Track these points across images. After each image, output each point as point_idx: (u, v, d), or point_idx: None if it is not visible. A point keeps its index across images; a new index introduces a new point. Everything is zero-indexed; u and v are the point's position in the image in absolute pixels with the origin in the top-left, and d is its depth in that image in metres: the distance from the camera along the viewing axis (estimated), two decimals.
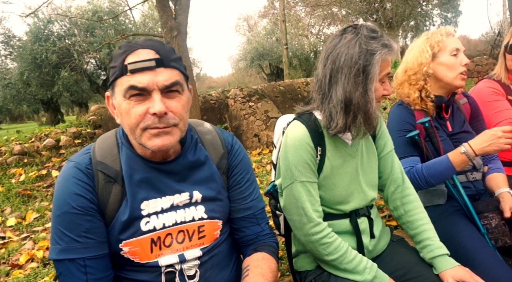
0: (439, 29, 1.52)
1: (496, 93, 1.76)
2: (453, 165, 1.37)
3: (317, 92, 1.15)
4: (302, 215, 1.12)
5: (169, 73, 0.87)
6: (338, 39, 1.10)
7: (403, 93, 1.61)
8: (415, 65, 1.53)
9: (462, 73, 1.50)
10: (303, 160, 1.12)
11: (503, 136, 1.29)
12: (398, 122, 1.55)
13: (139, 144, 0.90)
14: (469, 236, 1.35)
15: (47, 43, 13.51)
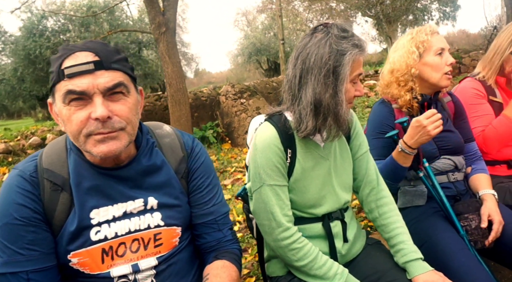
0: (424, 28, 1.49)
1: (479, 96, 1.75)
2: (398, 162, 1.37)
3: (287, 93, 1.12)
4: (271, 220, 1.10)
5: (110, 75, 0.83)
6: (308, 38, 1.07)
7: (392, 94, 1.57)
8: (403, 66, 1.50)
9: (447, 73, 1.48)
10: (271, 163, 1.09)
11: (428, 123, 1.27)
12: (377, 123, 1.54)
13: (85, 151, 0.87)
14: (447, 238, 1.34)
15: (41, 38, 13.39)
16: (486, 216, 1.37)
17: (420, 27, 1.50)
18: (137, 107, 0.92)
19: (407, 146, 1.33)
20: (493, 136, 1.65)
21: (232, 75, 27.58)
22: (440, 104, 1.63)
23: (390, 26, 13.88)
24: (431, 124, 1.28)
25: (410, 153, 1.34)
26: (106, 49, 0.85)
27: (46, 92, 15.71)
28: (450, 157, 1.53)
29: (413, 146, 1.33)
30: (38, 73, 13.53)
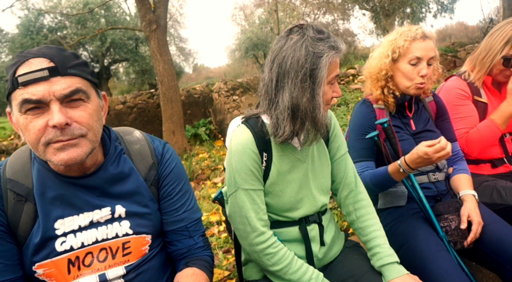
0: (409, 31, 1.44)
1: (463, 97, 1.73)
2: (392, 177, 1.36)
3: (263, 97, 1.10)
4: (246, 224, 1.09)
5: (67, 81, 0.81)
6: (284, 40, 1.04)
7: (366, 86, 1.60)
8: (376, 67, 1.51)
9: (418, 84, 1.46)
10: (246, 167, 1.08)
11: (434, 156, 1.25)
12: (359, 124, 1.53)
13: (45, 160, 0.86)
14: (426, 240, 1.33)
15: (38, 36, 13.40)
16: (465, 216, 1.37)
17: (410, 28, 1.46)
18: (99, 113, 0.90)
19: (408, 167, 1.32)
20: (477, 139, 1.64)
21: (229, 70, 27.49)
22: (421, 104, 1.63)
23: (388, 19, 13.78)
24: (437, 156, 1.26)
25: (409, 173, 1.34)
26: (62, 55, 0.83)
27: None
28: None
29: (413, 167, 1.32)
30: None
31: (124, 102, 5.38)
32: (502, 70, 1.70)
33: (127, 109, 5.37)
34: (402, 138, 1.52)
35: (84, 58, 4.58)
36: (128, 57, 15.53)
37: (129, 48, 14.99)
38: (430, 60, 1.45)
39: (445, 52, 9.40)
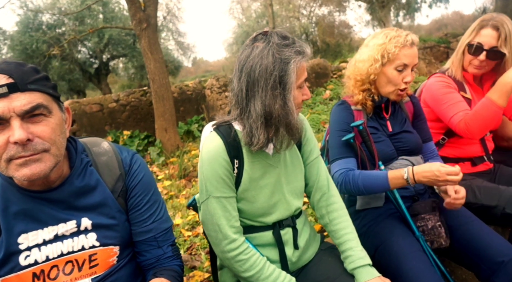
0: (399, 37, 1.43)
1: (448, 86, 1.72)
2: (389, 184, 1.36)
3: (234, 107, 1.10)
4: (218, 232, 1.09)
5: (27, 97, 0.81)
6: (250, 49, 1.04)
7: (348, 87, 1.60)
8: (364, 70, 1.49)
9: (401, 90, 1.48)
10: (217, 175, 1.08)
11: (443, 177, 1.26)
12: (337, 122, 1.54)
13: (8, 176, 0.86)
14: (401, 241, 1.35)
15: (37, 33, 13.49)
16: (451, 190, 1.35)
17: (399, 33, 1.44)
18: (62, 127, 0.90)
19: (413, 179, 1.32)
20: (475, 120, 1.58)
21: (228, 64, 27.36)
22: (398, 105, 1.63)
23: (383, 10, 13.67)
24: (446, 178, 1.26)
25: (410, 183, 1.33)
26: (21, 70, 0.83)
27: None
28: (407, 157, 1.53)
29: (417, 181, 1.32)
30: None
31: (117, 100, 5.49)
32: (471, 61, 1.71)
33: (120, 107, 5.48)
34: (379, 140, 1.53)
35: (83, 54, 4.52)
36: (126, 53, 15.58)
37: (127, 44, 15.03)
38: (414, 67, 1.46)
39: (438, 43, 9.36)
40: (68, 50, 13.29)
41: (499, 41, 1.62)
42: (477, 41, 1.66)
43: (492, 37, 1.63)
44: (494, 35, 1.62)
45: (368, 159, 1.49)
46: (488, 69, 1.73)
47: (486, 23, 1.65)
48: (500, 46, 1.62)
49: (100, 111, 5.33)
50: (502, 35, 1.61)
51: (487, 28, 1.64)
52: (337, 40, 19.20)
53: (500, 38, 1.61)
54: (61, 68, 14.08)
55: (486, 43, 1.64)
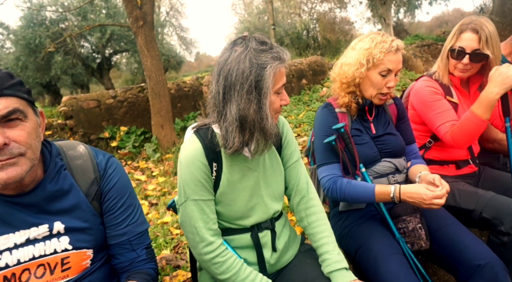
0: (384, 43, 1.44)
1: (436, 93, 1.73)
2: (374, 198, 1.39)
3: (212, 109, 1.12)
4: (195, 234, 1.11)
5: (3, 102, 0.83)
6: (228, 53, 1.05)
7: (334, 89, 1.61)
8: (349, 74, 1.51)
9: (383, 94, 1.50)
10: (195, 178, 1.09)
11: (429, 200, 1.29)
12: (321, 126, 1.55)
13: None
14: (380, 243, 1.37)
15: (41, 28, 13.59)
16: (438, 179, 1.34)
17: (385, 38, 1.46)
18: (38, 131, 0.91)
19: (399, 197, 1.34)
20: (461, 133, 1.60)
21: None
22: (381, 108, 1.65)
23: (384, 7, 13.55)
24: (432, 201, 1.28)
25: (396, 201, 1.36)
26: None
27: (49, 80, 16.11)
28: (390, 159, 1.55)
29: (403, 200, 1.34)
30: (39, 62, 13.83)
31: (115, 96, 5.55)
32: (456, 65, 1.72)
33: (118, 103, 5.55)
34: (363, 142, 1.54)
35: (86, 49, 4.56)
36: (129, 48, 15.64)
37: (129, 39, 15.08)
38: (397, 72, 1.49)
39: (435, 41, 9.27)
40: (71, 45, 13.38)
41: (481, 44, 1.62)
42: (459, 46, 1.67)
43: (473, 40, 1.63)
44: (474, 38, 1.63)
45: (349, 161, 1.50)
46: (474, 72, 1.73)
47: (466, 27, 1.66)
48: (482, 48, 1.63)
49: (98, 107, 5.40)
50: (482, 37, 1.61)
51: (467, 32, 1.65)
52: (338, 37, 19.09)
53: (481, 40, 1.62)
54: (63, 63, 14.18)
55: (468, 47, 1.65)
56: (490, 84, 1.53)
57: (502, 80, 1.50)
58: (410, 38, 11.28)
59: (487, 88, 1.53)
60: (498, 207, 1.50)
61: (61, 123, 5.03)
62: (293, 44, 20.02)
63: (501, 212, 1.48)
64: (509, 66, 1.53)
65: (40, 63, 14.13)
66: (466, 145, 1.65)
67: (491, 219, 1.50)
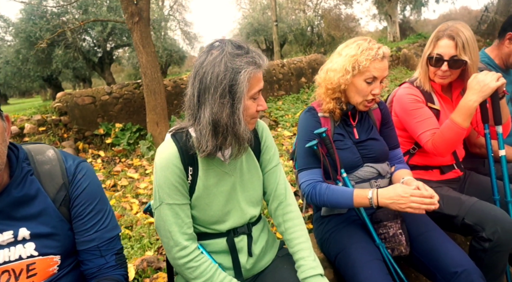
0: (371, 50, 1.43)
1: (417, 101, 1.72)
2: (353, 202, 1.37)
3: (187, 112, 1.11)
4: (169, 238, 1.11)
5: None
6: (205, 56, 1.05)
7: (319, 94, 1.60)
8: (335, 81, 1.50)
9: (369, 101, 1.50)
10: (169, 182, 1.09)
11: (409, 200, 1.26)
12: (304, 130, 1.55)
13: None
14: (360, 248, 1.37)
15: (41, 21, 13.53)
16: (422, 186, 1.32)
17: (371, 45, 1.44)
18: (3, 135, 0.90)
19: (377, 201, 1.32)
20: (441, 142, 1.61)
21: None
22: (365, 113, 1.64)
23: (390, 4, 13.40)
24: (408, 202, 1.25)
25: (374, 205, 1.34)
26: None
27: (50, 73, 16.10)
28: (373, 164, 1.54)
29: (381, 204, 1.32)
30: (39, 55, 13.80)
31: (110, 93, 5.51)
32: (435, 71, 1.71)
33: (113, 99, 5.50)
34: (345, 147, 1.53)
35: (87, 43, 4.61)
36: (130, 42, 15.55)
37: (129, 34, 14.98)
38: (383, 79, 1.48)
39: None
40: (71, 38, 13.32)
41: (458, 50, 1.62)
42: (436, 53, 1.67)
43: (450, 47, 1.63)
44: (451, 44, 1.63)
45: (331, 166, 1.49)
46: (454, 77, 1.73)
47: (442, 34, 1.66)
48: (460, 54, 1.62)
49: (93, 104, 5.36)
50: (459, 43, 1.61)
51: (443, 39, 1.65)
52: (343, 34, 18.94)
53: (458, 46, 1.62)
54: (64, 57, 14.12)
55: (445, 54, 1.65)
56: (468, 92, 1.55)
57: (480, 88, 1.51)
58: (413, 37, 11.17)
59: (466, 96, 1.55)
60: (480, 213, 1.51)
61: (55, 119, 4.99)
62: (297, 41, 19.89)
63: (483, 218, 1.49)
64: (487, 73, 1.53)
65: (40, 56, 14.10)
66: (447, 153, 1.66)
67: (473, 225, 1.51)
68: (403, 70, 9.36)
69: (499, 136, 1.66)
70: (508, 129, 1.79)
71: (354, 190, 1.39)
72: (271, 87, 6.99)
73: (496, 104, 1.60)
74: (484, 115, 1.65)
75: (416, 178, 1.75)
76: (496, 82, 1.51)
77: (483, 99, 1.53)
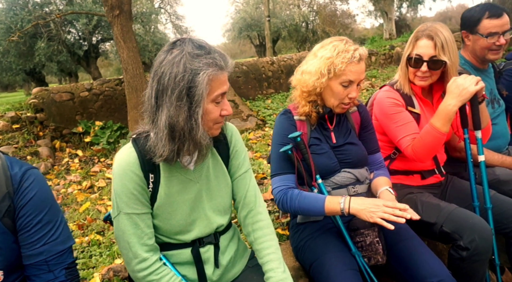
0: (346, 52, 1.38)
1: (397, 105, 1.69)
2: (324, 210, 1.33)
3: (146, 114, 1.06)
4: (128, 250, 1.06)
5: None
6: (164, 55, 1.00)
7: (295, 96, 1.56)
8: (310, 84, 1.44)
9: (345, 104, 1.46)
10: (127, 190, 1.04)
11: (381, 210, 1.22)
12: (278, 134, 1.50)
13: None
14: (334, 258, 1.33)
15: (23, 12, 13.03)
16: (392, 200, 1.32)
17: (347, 47, 1.40)
18: None
19: (348, 209, 1.29)
20: (421, 147, 1.58)
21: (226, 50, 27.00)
22: (343, 116, 1.59)
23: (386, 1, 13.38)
24: (379, 211, 1.22)
25: (345, 212, 1.30)
26: None
27: (33, 67, 15.57)
28: (350, 170, 1.51)
29: (352, 211, 1.28)
30: (20, 47, 13.29)
31: (90, 89, 5.27)
32: (415, 73, 1.68)
33: (93, 96, 5.28)
34: (322, 151, 1.49)
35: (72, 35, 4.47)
36: None
37: None
38: (360, 82, 1.44)
39: None
40: (55, 30, 12.86)
41: (437, 50, 1.59)
42: (416, 53, 1.64)
43: (429, 47, 1.60)
44: (430, 44, 1.60)
45: (306, 172, 1.45)
46: (435, 79, 1.69)
47: (421, 34, 1.63)
48: (439, 54, 1.59)
49: (71, 100, 5.13)
50: (438, 43, 1.58)
51: (422, 39, 1.62)
52: (338, 30, 18.89)
53: (437, 46, 1.58)
54: (47, 49, 13.65)
55: (425, 54, 1.62)
56: (447, 97, 1.52)
57: (459, 92, 1.49)
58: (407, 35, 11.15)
59: (445, 100, 1.53)
60: (459, 221, 1.50)
61: (30, 116, 4.75)
62: (291, 37, 19.77)
63: (461, 226, 1.48)
64: (466, 77, 1.50)
65: (22, 49, 13.60)
66: (427, 158, 1.64)
67: (451, 233, 1.49)
68: (395, 69, 9.26)
69: (478, 142, 1.64)
70: (489, 134, 1.77)
71: (326, 197, 1.35)
72: (260, 85, 6.85)
73: (476, 108, 1.57)
74: (463, 120, 1.62)
75: (397, 183, 1.76)
76: (475, 86, 1.48)
77: (462, 103, 1.51)
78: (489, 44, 1.90)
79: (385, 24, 15.37)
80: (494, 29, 1.88)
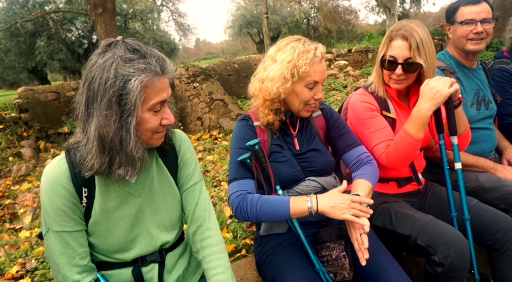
0: (308, 53, 1.31)
1: (370, 109, 1.59)
2: (289, 212, 1.23)
3: (78, 123, 0.98)
4: (57, 272, 0.99)
5: None
6: (96, 58, 0.92)
7: (256, 105, 1.45)
8: (273, 91, 1.35)
9: (310, 107, 1.41)
10: (56, 206, 0.97)
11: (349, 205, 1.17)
12: (237, 140, 1.42)
13: None
14: (295, 275, 1.24)
15: (22, 10, 13.11)
16: None
17: (307, 47, 1.32)
18: None
19: (317, 207, 1.20)
20: (395, 154, 1.48)
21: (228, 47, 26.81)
22: (306, 121, 1.51)
23: None
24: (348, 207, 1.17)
25: (313, 212, 1.21)
26: None
27: (35, 65, 15.65)
28: (315, 178, 1.43)
29: (320, 209, 1.21)
30: (21, 46, 13.37)
31: (76, 88, 5.21)
32: (390, 75, 1.57)
33: None
34: (283, 159, 1.41)
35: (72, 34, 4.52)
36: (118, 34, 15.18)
37: (118, 24, 14.60)
38: (323, 82, 1.38)
39: (432, 35, 8.88)
40: (54, 29, 12.90)
41: (412, 51, 1.46)
42: (390, 55, 1.52)
43: (403, 48, 1.48)
44: (404, 45, 1.47)
45: (265, 181, 1.36)
46: (410, 82, 1.57)
47: (395, 34, 1.50)
48: (414, 56, 1.47)
49: (57, 100, 5.07)
50: (413, 44, 1.45)
51: (397, 40, 1.50)
52: (340, 26, 18.61)
53: (412, 48, 1.46)
54: (47, 48, 13.73)
55: (399, 56, 1.50)
56: (420, 100, 1.41)
57: (432, 96, 1.37)
58: None
59: (418, 104, 1.41)
60: (434, 234, 1.38)
61: (14, 116, 4.69)
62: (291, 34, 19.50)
63: (436, 239, 1.36)
64: (439, 79, 1.38)
65: (22, 47, 13.69)
66: (402, 166, 1.53)
67: (425, 246, 1.38)
68: None
69: (455, 148, 1.51)
70: (468, 140, 1.63)
71: (290, 198, 1.25)
72: None
73: (451, 112, 1.45)
74: (438, 124, 1.50)
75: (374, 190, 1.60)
76: (449, 89, 1.36)
77: (436, 107, 1.39)
78: (466, 31, 1.78)
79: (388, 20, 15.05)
80: (470, 16, 1.76)
